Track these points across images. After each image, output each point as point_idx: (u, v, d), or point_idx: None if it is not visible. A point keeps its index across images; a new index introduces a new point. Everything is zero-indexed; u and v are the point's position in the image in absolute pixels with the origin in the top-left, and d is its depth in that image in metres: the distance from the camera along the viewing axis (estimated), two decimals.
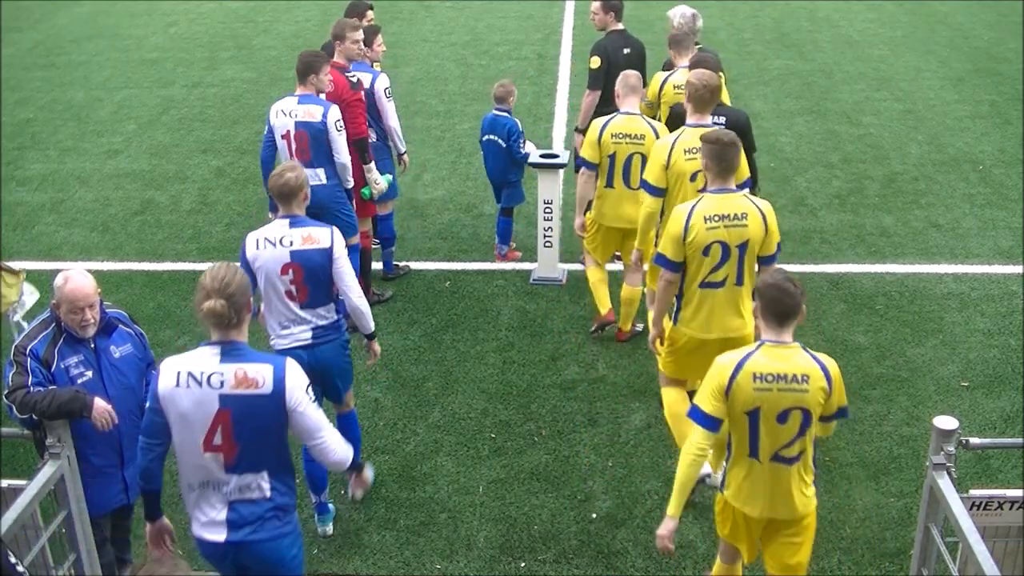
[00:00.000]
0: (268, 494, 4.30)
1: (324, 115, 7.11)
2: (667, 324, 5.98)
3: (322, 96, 7.38)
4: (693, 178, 6.32)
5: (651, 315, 6.31)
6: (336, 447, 4.41)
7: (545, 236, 8.52)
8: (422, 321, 8.13)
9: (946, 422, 4.29)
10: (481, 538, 5.95)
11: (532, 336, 7.91)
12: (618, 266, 8.10)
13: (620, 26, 8.61)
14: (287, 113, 7.21)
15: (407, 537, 5.96)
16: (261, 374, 4.15)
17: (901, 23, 16.24)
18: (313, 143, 7.15)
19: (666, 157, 6.39)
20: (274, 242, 5.43)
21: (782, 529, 4.72)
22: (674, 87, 7.56)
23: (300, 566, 4.55)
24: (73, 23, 17.03)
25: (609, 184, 7.27)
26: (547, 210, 8.42)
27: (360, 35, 7.86)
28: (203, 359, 4.18)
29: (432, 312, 8.26)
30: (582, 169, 7.48)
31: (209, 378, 4.13)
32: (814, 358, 4.49)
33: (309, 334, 5.59)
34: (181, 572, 3.09)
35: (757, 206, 5.62)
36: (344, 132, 7.23)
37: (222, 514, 4.28)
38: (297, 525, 4.55)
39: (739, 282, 5.70)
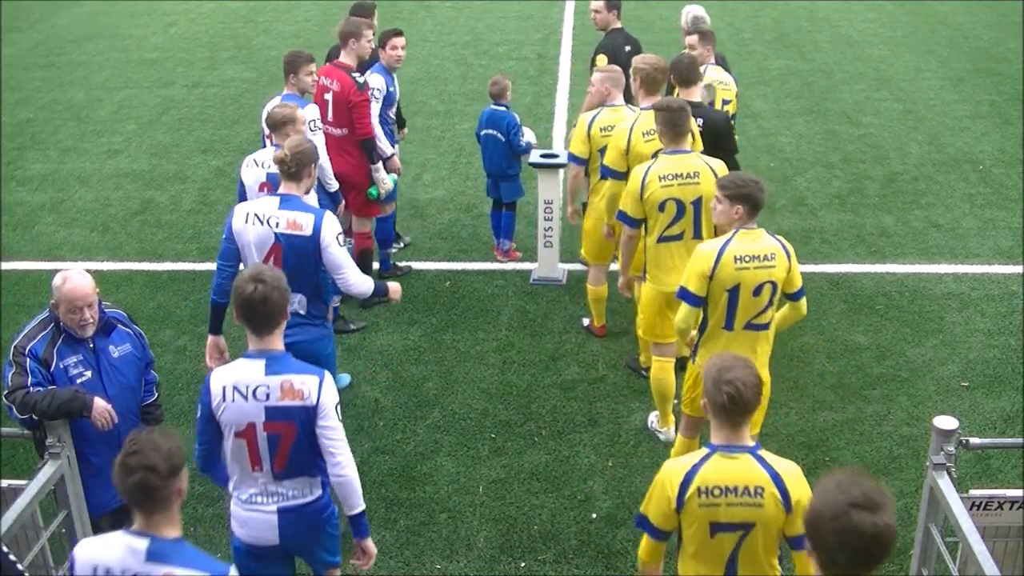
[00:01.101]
0: (303, 310, 5.66)
1: None
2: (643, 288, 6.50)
3: (308, 96, 7.38)
4: (654, 157, 6.48)
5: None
6: (357, 280, 5.71)
7: (545, 236, 8.52)
8: (422, 321, 8.13)
9: (946, 422, 4.30)
10: (481, 538, 5.95)
11: (532, 336, 7.91)
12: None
13: (619, 25, 8.66)
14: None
15: (407, 537, 5.96)
16: (307, 221, 5.56)
17: (901, 23, 16.24)
18: None
19: (625, 142, 6.68)
20: (260, 164, 6.56)
21: None
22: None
23: (333, 360, 6.00)
24: (73, 23, 17.03)
25: (603, 177, 7.29)
26: (547, 210, 8.43)
27: (369, 34, 7.87)
28: (266, 204, 5.67)
29: (432, 312, 8.25)
30: (571, 164, 7.54)
31: (269, 219, 5.58)
32: (777, 240, 5.36)
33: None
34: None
35: (709, 165, 6.14)
36: (319, 132, 7.19)
37: None
38: (330, 329, 5.94)
39: (696, 235, 6.16)
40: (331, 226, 5.60)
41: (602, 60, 8.32)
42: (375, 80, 8.07)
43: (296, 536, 4.46)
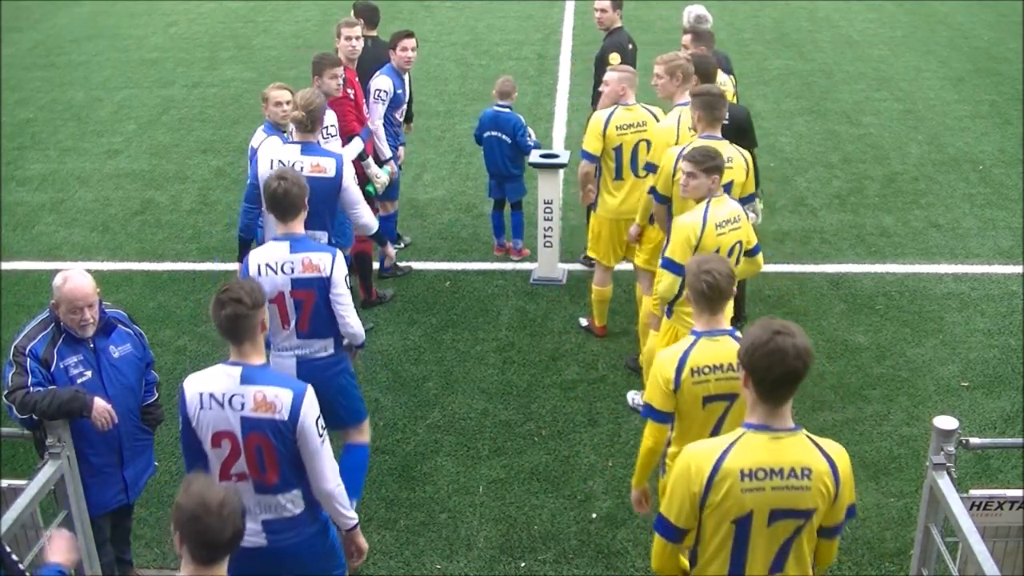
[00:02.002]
0: (325, 239, 6.12)
1: None
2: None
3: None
4: None
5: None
6: (369, 217, 6.52)
7: (545, 236, 8.52)
8: (422, 321, 8.13)
9: (946, 422, 4.30)
10: (481, 538, 5.95)
11: (532, 336, 7.91)
12: (627, 266, 8.10)
13: (620, 23, 8.67)
14: None
15: (407, 537, 5.96)
16: (329, 164, 6.24)
17: (901, 23, 16.24)
18: None
19: (674, 138, 6.73)
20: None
21: None
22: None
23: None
24: (73, 23, 17.03)
25: (619, 176, 7.31)
26: (547, 210, 8.43)
27: (355, 32, 7.85)
28: (289, 151, 6.30)
29: (432, 312, 8.25)
30: (583, 161, 7.42)
31: (293, 164, 6.14)
32: (736, 202, 5.85)
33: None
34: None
35: (741, 153, 6.43)
36: (332, 139, 7.14)
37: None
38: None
39: None
40: (350, 169, 6.40)
41: (615, 58, 8.30)
42: (382, 82, 8.07)
43: (312, 382, 4.91)
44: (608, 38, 8.65)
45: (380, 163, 8.11)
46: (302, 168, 6.12)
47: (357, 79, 7.92)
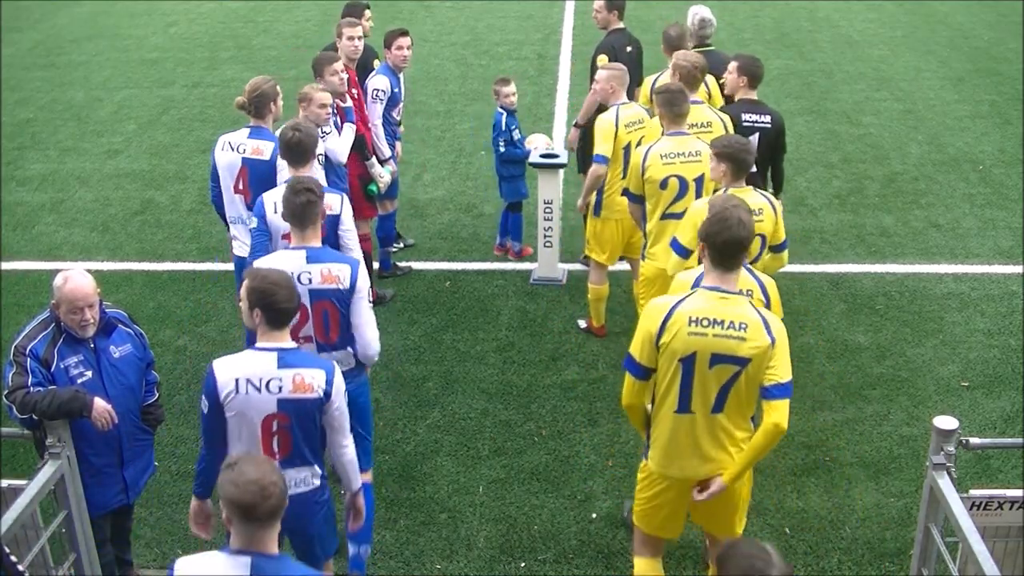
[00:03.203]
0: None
1: None
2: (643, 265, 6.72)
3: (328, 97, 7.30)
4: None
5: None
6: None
7: (545, 236, 8.52)
8: (422, 321, 8.13)
9: (946, 422, 4.30)
10: (481, 538, 5.95)
11: (532, 336, 7.91)
12: (624, 266, 8.12)
13: (621, 25, 8.62)
14: None
15: (407, 537, 5.97)
16: (267, 148, 6.46)
17: (901, 23, 16.24)
18: None
19: None
20: (235, 148, 6.73)
21: None
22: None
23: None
24: (73, 23, 17.03)
25: (625, 175, 7.29)
26: (547, 210, 8.43)
27: (357, 32, 7.86)
28: (239, 134, 6.60)
29: (432, 312, 8.26)
30: (596, 165, 7.28)
31: (238, 146, 6.55)
32: (765, 196, 5.86)
33: None
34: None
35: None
36: (328, 136, 7.15)
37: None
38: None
39: None
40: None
41: (603, 60, 8.30)
42: (379, 81, 8.07)
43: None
44: (605, 38, 8.64)
45: (380, 162, 8.11)
46: (244, 150, 6.51)
47: (356, 79, 7.92)
